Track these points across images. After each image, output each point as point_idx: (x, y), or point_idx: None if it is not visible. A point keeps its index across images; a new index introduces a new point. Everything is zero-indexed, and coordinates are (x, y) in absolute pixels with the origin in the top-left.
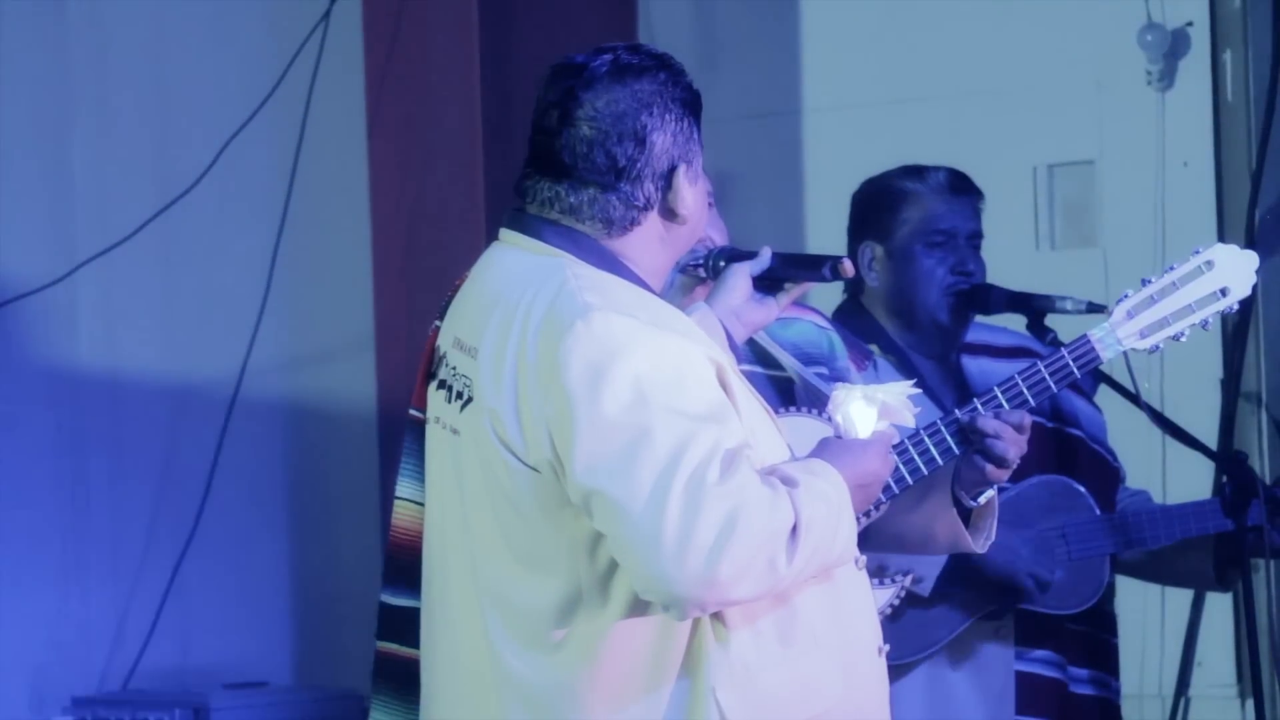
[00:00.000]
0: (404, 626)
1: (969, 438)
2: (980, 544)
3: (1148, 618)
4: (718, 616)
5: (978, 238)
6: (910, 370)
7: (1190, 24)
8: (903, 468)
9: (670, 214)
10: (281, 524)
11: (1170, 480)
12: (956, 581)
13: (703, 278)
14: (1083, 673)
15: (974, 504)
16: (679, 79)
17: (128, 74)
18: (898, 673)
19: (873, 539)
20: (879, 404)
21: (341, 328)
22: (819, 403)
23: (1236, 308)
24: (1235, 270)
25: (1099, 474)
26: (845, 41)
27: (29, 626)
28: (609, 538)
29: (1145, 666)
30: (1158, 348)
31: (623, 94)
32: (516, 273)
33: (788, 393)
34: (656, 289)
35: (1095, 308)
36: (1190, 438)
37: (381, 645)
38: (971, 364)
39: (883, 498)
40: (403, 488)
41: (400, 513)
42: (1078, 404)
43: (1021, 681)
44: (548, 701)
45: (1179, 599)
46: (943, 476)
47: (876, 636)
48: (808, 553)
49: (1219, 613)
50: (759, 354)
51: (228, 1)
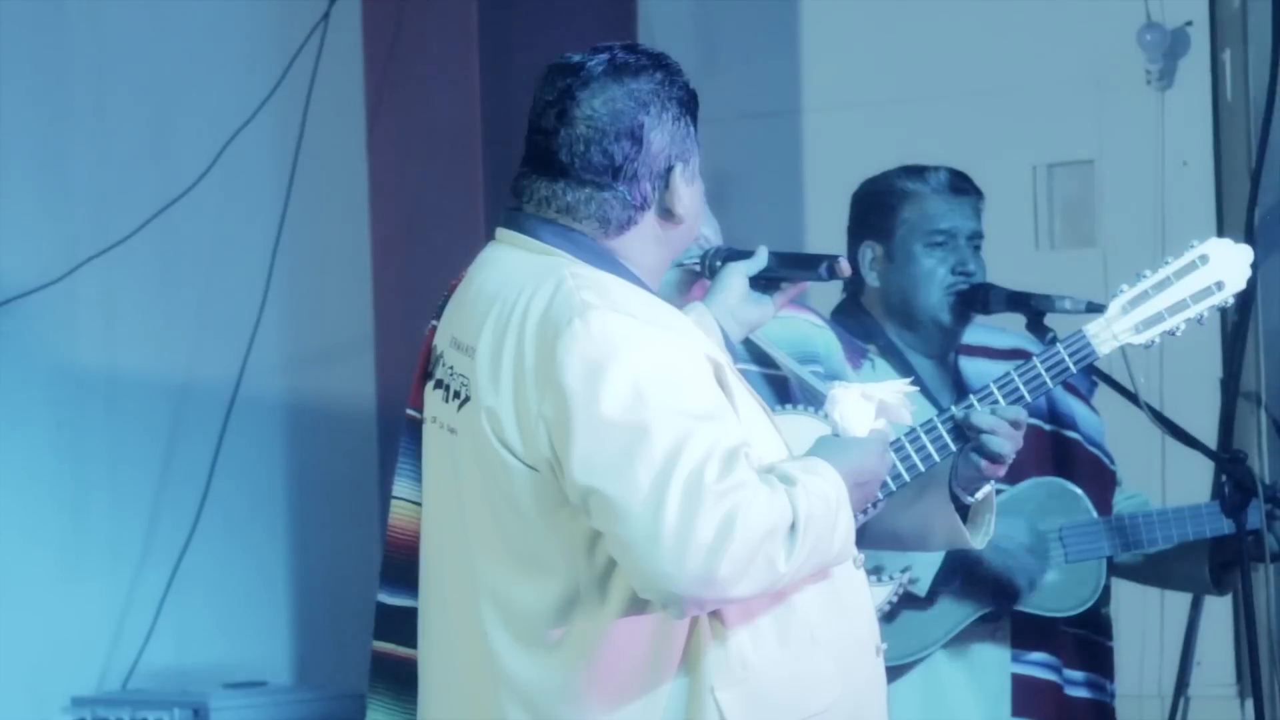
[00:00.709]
0: (401, 626)
1: (965, 434)
2: (979, 540)
3: (1147, 618)
4: (716, 615)
5: (978, 238)
6: (909, 370)
7: (1190, 23)
8: (899, 465)
9: (667, 213)
10: (280, 524)
11: (1169, 481)
12: (953, 578)
13: (699, 276)
14: (1079, 675)
15: (971, 500)
16: (676, 78)
17: (127, 73)
18: (894, 673)
19: (869, 537)
20: (876, 402)
21: (341, 327)
22: (815, 401)
23: (1232, 301)
24: (1231, 264)
25: (1096, 477)
26: (844, 41)
27: (28, 626)
28: (607, 537)
29: (1144, 666)
30: (1154, 343)
31: (620, 93)
32: (513, 272)
33: (784, 392)
34: (653, 288)
35: (1095, 307)
36: (1190, 437)
37: (378, 645)
38: (969, 365)
39: (880, 495)
40: (400, 487)
41: (397, 512)
42: (1075, 406)
43: (1018, 683)
44: (546, 701)
45: (1178, 599)
46: (940, 474)
47: (874, 635)
48: (806, 551)
49: (1218, 613)
50: (755, 353)
51: (227, 1)
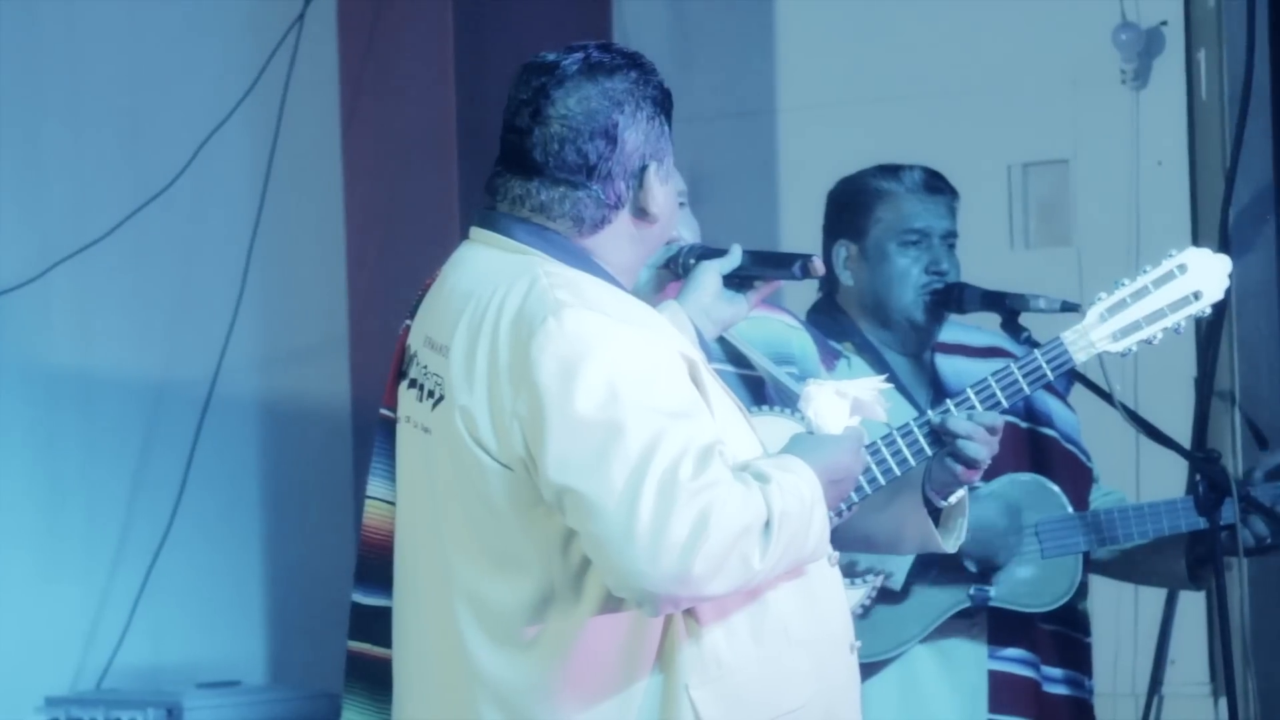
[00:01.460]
0: (376, 626)
1: (941, 439)
2: (951, 544)
3: (1120, 616)
4: (691, 613)
5: (952, 237)
6: (884, 369)
7: (1165, 23)
8: (875, 468)
9: (641, 212)
10: (255, 523)
11: (1144, 480)
12: (929, 568)
13: (673, 274)
14: (1056, 672)
15: (944, 504)
16: (650, 77)
17: (102, 73)
18: (870, 670)
19: (841, 539)
20: (850, 399)
21: (316, 327)
22: (790, 402)
23: (1209, 311)
24: (1208, 274)
25: (1072, 473)
26: (820, 40)
27: (2, 625)
28: (582, 535)
29: (1118, 665)
30: (1130, 351)
31: (594, 92)
32: (487, 271)
33: (759, 391)
34: (628, 287)
35: (1069, 307)
36: (1164, 437)
37: (353, 645)
38: (945, 363)
39: (854, 497)
40: (374, 487)
41: (371, 512)
42: (1051, 404)
43: (995, 680)
44: (520, 699)
45: (1152, 597)
46: (913, 477)
47: (849, 633)
48: (781, 548)
49: (1192, 611)
50: (730, 352)
51: (202, 2)
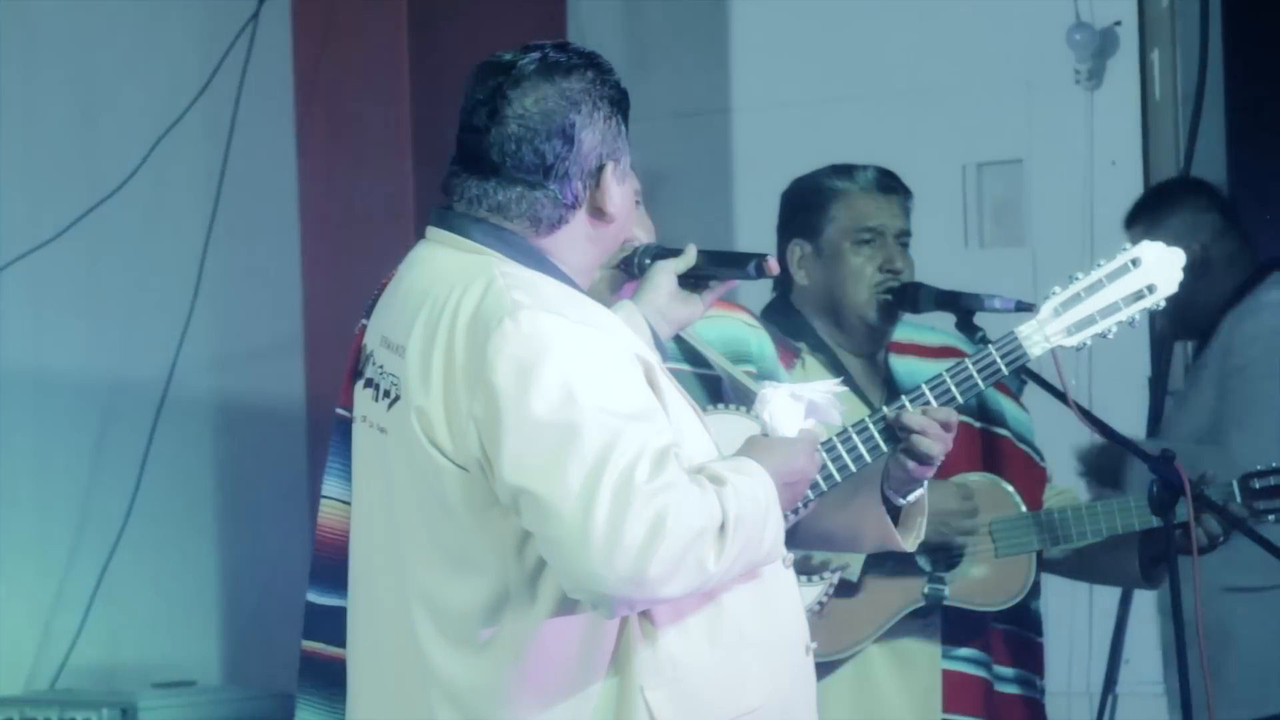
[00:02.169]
0: (330, 626)
1: (896, 434)
2: (910, 542)
3: (1075, 615)
4: (646, 615)
5: (906, 236)
6: (838, 368)
7: (1119, 23)
8: (831, 465)
9: (598, 212)
10: (210, 523)
11: None
12: (884, 564)
13: (629, 274)
14: (1009, 672)
15: (903, 503)
16: (607, 77)
17: (55, 73)
18: (825, 670)
19: (800, 537)
20: (805, 402)
21: (270, 327)
22: (747, 400)
23: (1163, 305)
24: (1162, 267)
25: (1026, 473)
26: (775, 41)
27: None
28: (537, 536)
29: (1073, 664)
30: (1085, 345)
31: (551, 92)
32: (444, 271)
33: (716, 390)
34: (584, 287)
35: (1024, 306)
36: (1119, 436)
37: (307, 645)
38: (899, 363)
39: (810, 495)
40: (329, 486)
41: (327, 512)
42: (1004, 404)
43: (947, 679)
44: (475, 700)
45: (1106, 596)
46: (871, 475)
47: (804, 635)
48: (736, 551)
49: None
50: (687, 352)
51: (156, 1)
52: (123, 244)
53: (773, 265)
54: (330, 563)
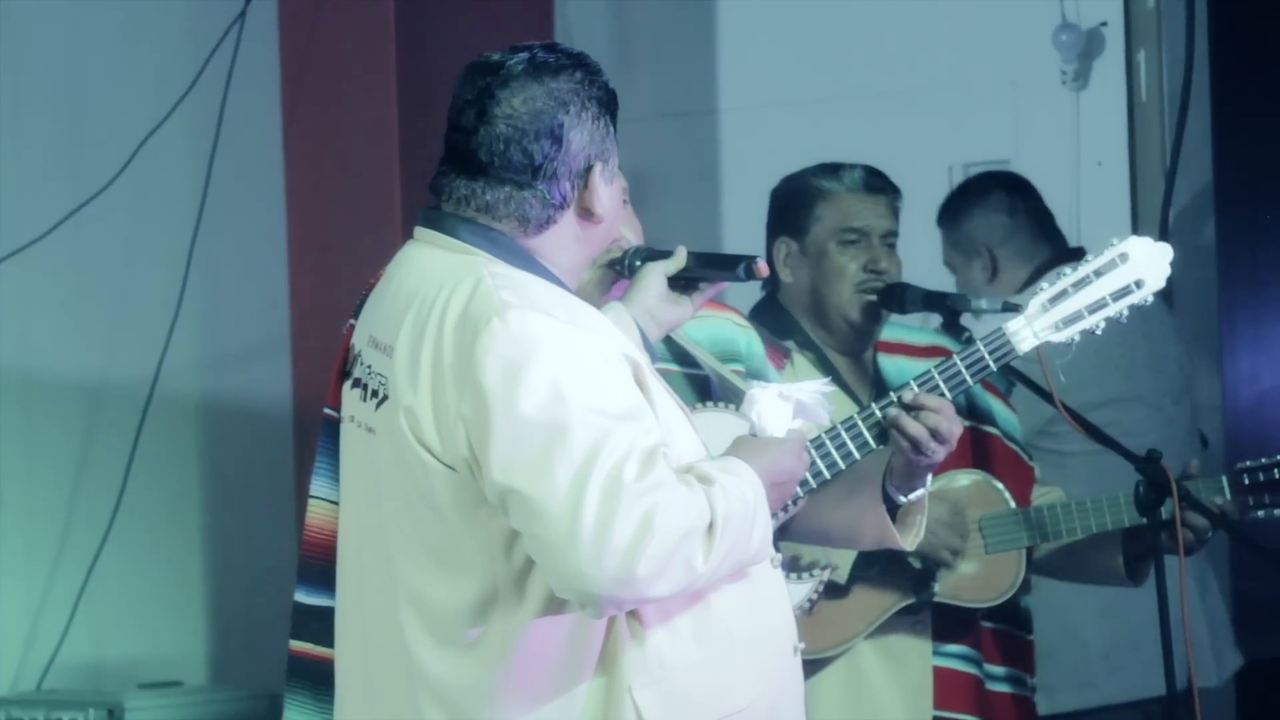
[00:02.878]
0: (318, 626)
1: (884, 432)
2: (909, 541)
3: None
4: (634, 614)
5: (892, 236)
6: (827, 367)
7: (1105, 24)
8: (820, 462)
9: (586, 213)
10: (197, 523)
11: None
12: (873, 563)
13: (618, 276)
14: (999, 670)
15: (904, 500)
16: (595, 78)
17: (41, 72)
18: (816, 667)
19: (798, 533)
20: (793, 402)
21: (257, 328)
22: (736, 399)
23: (1151, 300)
24: (1150, 263)
25: (1014, 471)
26: (761, 41)
27: None
28: (525, 536)
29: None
30: (1074, 341)
31: (539, 92)
32: (432, 271)
33: (705, 390)
34: (572, 287)
35: (1010, 307)
36: (1105, 436)
37: (295, 645)
38: (888, 362)
39: (800, 492)
40: (317, 487)
41: (314, 512)
42: (993, 403)
43: (938, 676)
44: (463, 700)
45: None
46: (871, 472)
47: (792, 634)
48: (724, 550)
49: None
50: (676, 352)
51: (142, 0)
52: (109, 244)
53: (762, 268)
54: (318, 563)
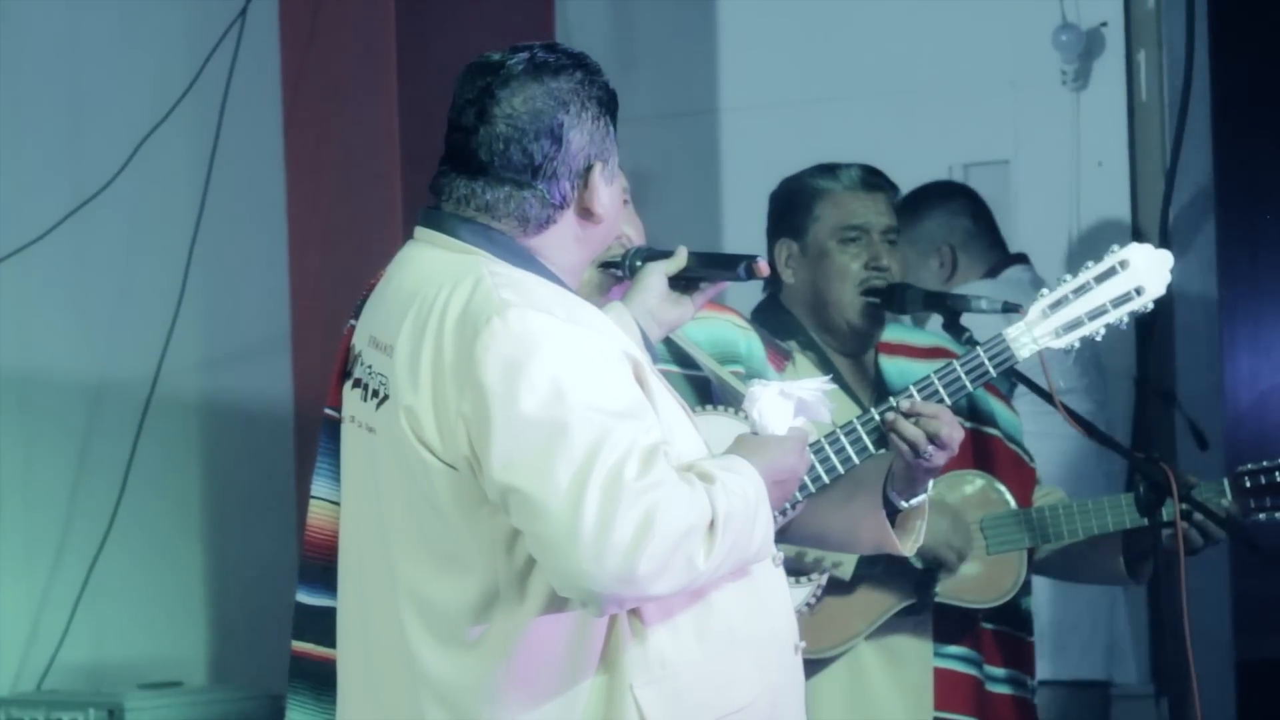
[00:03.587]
0: (320, 626)
1: (885, 437)
2: (909, 547)
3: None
4: (635, 613)
5: (893, 232)
6: (829, 368)
7: (1105, 24)
8: (819, 467)
9: (586, 212)
10: (197, 524)
11: (1088, 481)
12: (877, 562)
13: (619, 276)
14: (1000, 672)
15: (904, 505)
16: (595, 78)
17: (41, 71)
18: (817, 666)
19: (794, 535)
20: (795, 400)
21: (258, 328)
22: (735, 401)
23: (1151, 307)
24: (1150, 270)
25: (1015, 473)
26: (763, 41)
27: None
28: (526, 535)
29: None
30: (1074, 347)
31: (539, 92)
32: (432, 270)
33: (705, 392)
34: (573, 287)
35: (1010, 307)
36: (1105, 437)
37: (297, 645)
38: (889, 364)
39: (799, 496)
40: (318, 487)
41: (315, 512)
42: (994, 405)
43: (938, 677)
44: (465, 699)
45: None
46: (871, 477)
47: (793, 633)
48: (725, 549)
49: (1135, 612)
50: (676, 353)
51: (141, 0)
52: (109, 244)
53: (762, 267)
54: (319, 563)
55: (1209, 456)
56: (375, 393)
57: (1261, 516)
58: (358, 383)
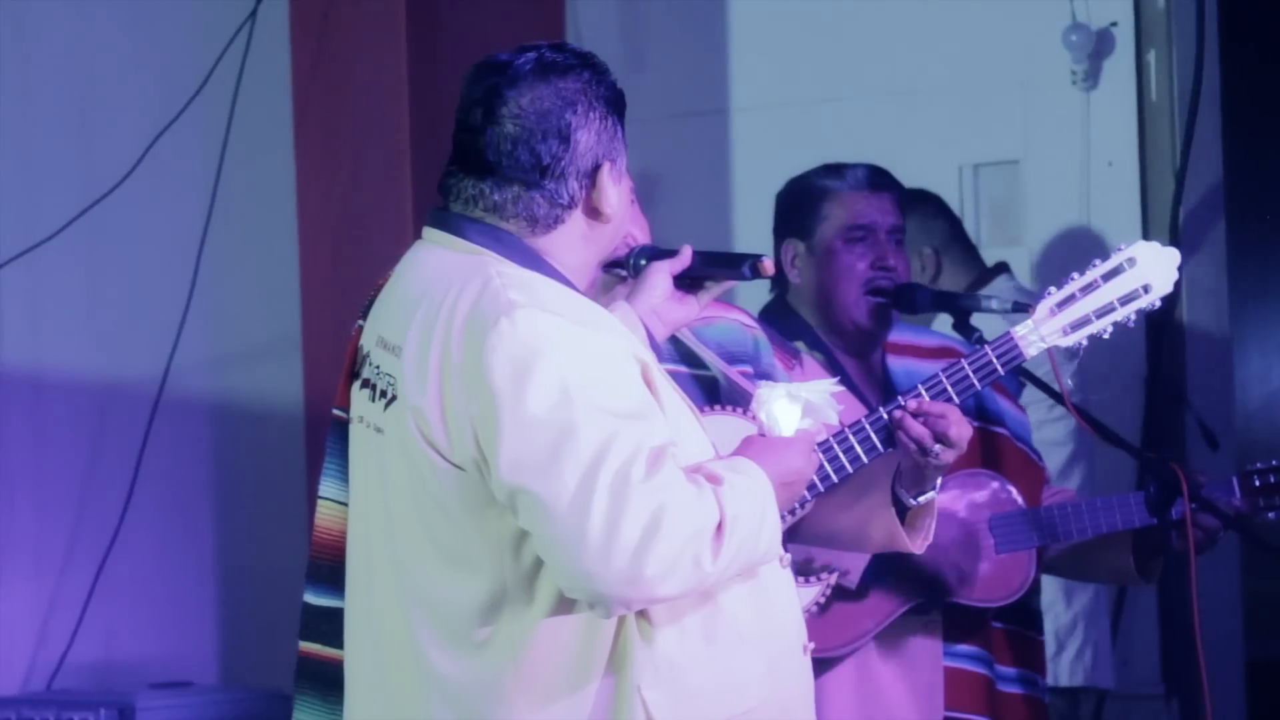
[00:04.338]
0: (327, 627)
1: (892, 436)
2: (918, 544)
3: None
4: (643, 614)
5: (899, 232)
6: (836, 368)
7: (1115, 24)
8: (827, 465)
9: (594, 212)
10: (207, 523)
11: (1098, 481)
12: (884, 573)
13: (623, 276)
14: (1010, 672)
15: (913, 504)
16: (603, 78)
17: (52, 71)
18: (826, 666)
19: (804, 535)
20: (802, 402)
21: (268, 327)
22: (743, 401)
23: (1159, 304)
24: (1157, 267)
25: (1024, 472)
26: (772, 41)
27: None
28: (534, 536)
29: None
30: (1082, 345)
31: (547, 92)
32: (440, 271)
33: (712, 391)
34: (581, 287)
35: (1020, 307)
36: (1116, 437)
37: (304, 645)
38: (897, 364)
39: (807, 495)
40: (326, 487)
41: (323, 512)
42: (1002, 404)
43: (949, 676)
44: (472, 700)
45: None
46: (879, 476)
47: (801, 635)
48: (733, 550)
49: (1145, 612)
50: (683, 353)
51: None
52: (119, 243)
53: (768, 266)
54: (327, 564)
55: (1219, 456)
56: (383, 393)
57: (1271, 515)
58: (366, 383)
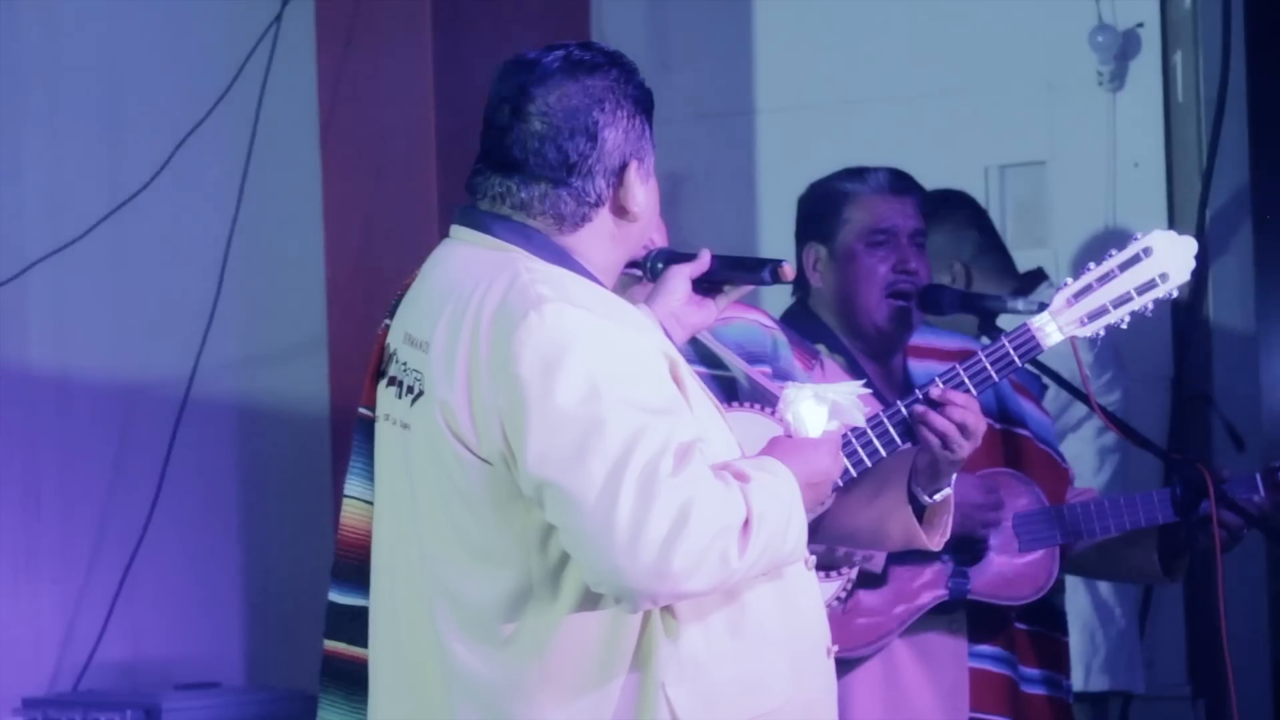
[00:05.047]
0: (352, 626)
1: (912, 430)
2: (936, 541)
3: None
4: (669, 611)
5: (921, 235)
6: (857, 372)
7: (1141, 25)
8: (845, 461)
9: (621, 211)
10: (233, 524)
11: (1128, 483)
12: (906, 553)
13: (639, 277)
14: (1034, 672)
15: (929, 500)
16: (631, 76)
17: (80, 73)
18: (851, 665)
19: (824, 534)
20: (829, 403)
21: (294, 328)
22: (763, 400)
23: (1176, 293)
24: (1174, 255)
25: (1048, 472)
26: (798, 42)
27: None
28: (561, 530)
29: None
30: (1099, 335)
31: (575, 90)
32: (468, 267)
33: (733, 392)
34: (608, 285)
35: (1045, 307)
36: (1141, 438)
37: (329, 644)
38: (917, 366)
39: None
40: (351, 486)
41: (349, 511)
42: (1025, 406)
43: (973, 677)
44: (497, 696)
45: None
46: (896, 473)
47: (825, 636)
48: (760, 547)
49: (1171, 613)
50: (703, 354)
51: (180, 2)
52: (146, 245)
53: (787, 271)
54: (352, 562)
55: (1246, 456)
56: (410, 389)
57: None
58: (393, 381)
